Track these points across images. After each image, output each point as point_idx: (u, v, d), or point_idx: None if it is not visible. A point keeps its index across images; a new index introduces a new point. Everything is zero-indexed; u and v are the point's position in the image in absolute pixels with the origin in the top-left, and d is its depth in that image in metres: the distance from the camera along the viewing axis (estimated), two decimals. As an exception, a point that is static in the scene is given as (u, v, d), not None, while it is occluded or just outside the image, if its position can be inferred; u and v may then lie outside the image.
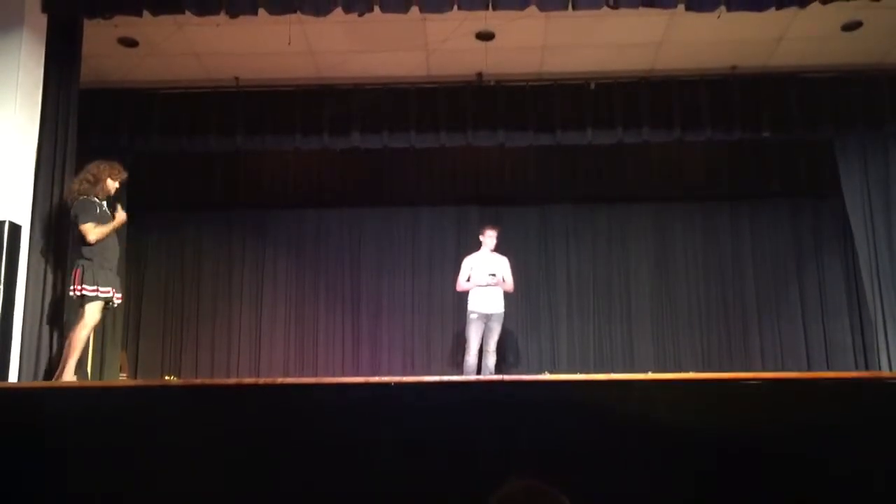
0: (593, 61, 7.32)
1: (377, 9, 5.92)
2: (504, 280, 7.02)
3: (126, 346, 8.26)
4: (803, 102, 7.42)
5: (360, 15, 6.02)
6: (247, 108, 7.59)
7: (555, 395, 3.54)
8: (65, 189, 5.75)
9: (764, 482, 3.21)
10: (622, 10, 5.99)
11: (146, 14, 5.95)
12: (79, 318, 5.42)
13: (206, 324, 8.74)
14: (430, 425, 3.39)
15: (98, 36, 6.47)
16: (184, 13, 6.01)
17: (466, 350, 6.98)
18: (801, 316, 8.52)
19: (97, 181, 5.56)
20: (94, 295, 5.35)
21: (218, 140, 7.61)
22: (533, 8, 5.93)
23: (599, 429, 3.37)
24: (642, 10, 5.96)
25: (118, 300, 5.59)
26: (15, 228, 5.40)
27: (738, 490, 3.23)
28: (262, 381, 4.66)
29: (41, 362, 5.52)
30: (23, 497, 3.32)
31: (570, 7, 5.90)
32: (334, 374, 8.36)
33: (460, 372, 7.15)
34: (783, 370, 8.04)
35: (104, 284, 5.39)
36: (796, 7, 5.91)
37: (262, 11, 5.93)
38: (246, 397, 3.65)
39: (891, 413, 3.38)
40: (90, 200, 5.49)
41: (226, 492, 3.30)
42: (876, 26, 6.72)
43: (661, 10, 6.08)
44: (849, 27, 6.74)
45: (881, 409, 3.41)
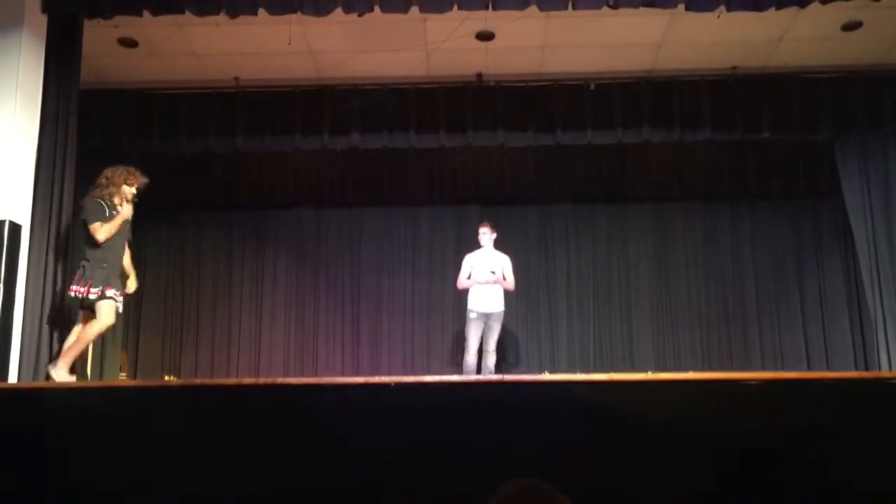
0: (593, 61, 7.32)
1: (377, 9, 5.93)
2: (504, 278, 7.01)
3: (126, 346, 8.26)
4: (803, 102, 7.43)
5: (360, 15, 6.03)
6: (247, 108, 7.59)
7: (555, 395, 3.54)
8: (73, 193, 5.76)
9: (763, 482, 3.22)
10: (622, 10, 5.99)
11: (146, 14, 5.97)
12: (87, 318, 5.39)
13: (206, 324, 8.74)
14: (431, 425, 3.39)
15: (98, 36, 6.48)
16: (184, 13, 6.02)
17: (466, 349, 6.97)
18: (801, 315, 8.52)
19: (109, 184, 5.52)
20: (104, 295, 5.27)
21: (218, 140, 7.62)
22: (533, 8, 5.94)
23: (599, 429, 3.38)
24: (642, 10, 5.97)
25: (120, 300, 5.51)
26: (15, 228, 5.41)
27: (738, 489, 3.24)
28: (261, 381, 4.67)
29: (41, 362, 5.51)
30: (23, 496, 3.32)
31: (570, 7, 5.91)
32: (334, 374, 8.36)
33: (460, 371, 7.15)
34: (783, 370, 8.03)
35: (109, 285, 5.32)
36: (796, 7, 5.92)
37: (262, 12, 5.94)
38: (246, 397, 3.65)
39: (891, 413, 3.38)
40: (97, 201, 5.45)
41: (225, 491, 3.30)
42: (876, 26, 6.72)
43: (661, 10, 6.09)
44: (849, 27, 6.75)
45: (881, 409, 3.41)
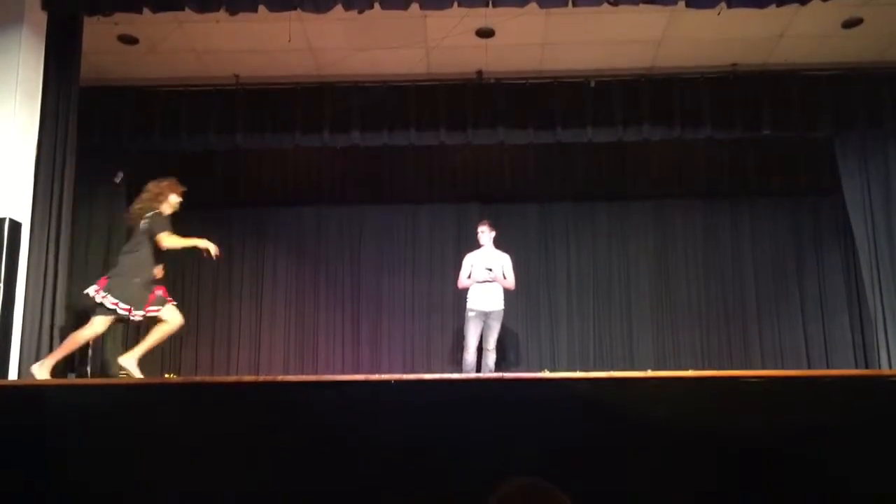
0: (593, 58, 7.31)
1: (377, 6, 5.92)
2: (504, 276, 7.00)
3: (126, 344, 8.24)
4: (804, 100, 7.43)
5: (360, 12, 6.03)
6: (247, 105, 7.58)
7: (554, 394, 3.54)
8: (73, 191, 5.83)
9: (763, 480, 3.22)
10: (622, 7, 5.99)
11: (146, 11, 5.96)
12: (87, 322, 5.43)
13: (206, 321, 8.73)
14: (431, 423, 3.39)
15: (98, 33, 6.47)
16: (184, 10, 6.02)
17: (465, 348, 6.96)
18: (801, 313, 8.52)
19: (160, 197, 5.67)
20: (112, 308, 5.34)
21: (218, 137, 7.61)
22: (533, 5, 5.93)
23: (599, 427, 3.38)
24: (642, 7, 5.96)
25: (137, 318, 5.50)
26: (15, 225, 5.41)
27: (738, 487, 3.24)
28: (261, 378, 4.66)
29: (41, 358, 5.51)
30: (23, 494, 3.32)
31: (570, 4, 5.91)
32: (334, 372, 8.36)
33: (460, 370, 7.14)
34: (783, 368, 8.04)
35: (126, 301, 5.38)
36: (797, 4, 5.91)
37: (262, 8, 5.94)
38: (246, 395, 3.65)
39: (891, 411, 3.38)
40: (161, 214, 5.62)
41: (225, 489, 3.31)
42: (876, 23, 6.72)
43: (661, 7, 6.09)
44: (849, 24, 6.74)
45: (881, 408, 3.41)
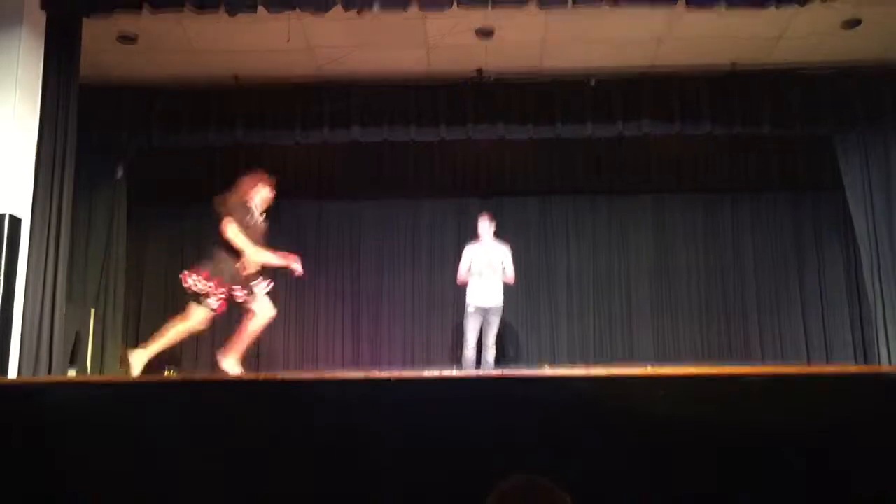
0: (593, 58, 7.31)
1: (376, 6, 5.92)
2: (504, 270, 6.98)
3: (126, 341, 8.26)
4: (803, 99, 7.43)
5: (360, 12, 6.02)
6: (246, 105, 7.59)
7: (554, 390, 3.55)
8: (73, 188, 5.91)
9: (763, 477, 3.22)
10: (622, 7, 5.99)
11: (146, 10, 5.96)
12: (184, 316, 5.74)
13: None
14: (430, 420, 3.39)
15: (97, 32, 6.45)
16: (183, 10, 6.01)
17: (464, 344, 6.97)
18: (801, 310, 8.54)
19: (250, 191, 5.86)
20: (220, 294, 5.63)
21: (218, 135, 7.62)
22: (533, 4, 5.94)
23: (599, 423, 3.38)
24: (642, 6, 5.96)
25: (241, 297, 5.83)
26: (15, 222, 5.41)
27: (738, 485, 3.25)
28: (261, 376, 4.68)
29: (41, 356, 5.53)
30: (22, 492, 3.33)
31: (569, 4, 5.91)
32: (334, 368, 8.37)
33: (459, 366, 7.15)
34: (783, 364, 8.05)
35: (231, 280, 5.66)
36: (796, 4, 5.92)
37: (261, 9, 5.93)
38: (246, 392, 3.65)
39: (891, 408, 3.38)
40: (244, 205, 5.81)
41: (225, 487, 3.31)
42: (876, 23, 6.72)
43: (661, 7, 6.08)
44: (849, 24, 6.74)
45: (881, 404, 3.41)
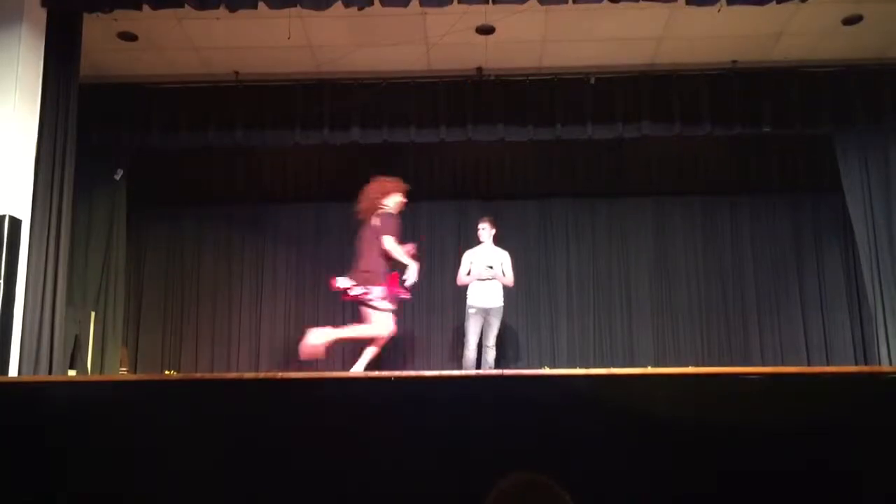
0: (593, 55, 7.31)
1: (377, 3, 5.92)
2: (504, 273, 7.00)
3: (126, 341, 8.26)
4: (804, 97, 7.42)
5: (360, 9, 6.03)
6: (246, 102, 7.58)
7: (554, 390, 3.55)
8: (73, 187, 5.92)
9: (763, 477, 3.22)
10: (622, 4, 5.99)
11: (146, 8, 5.95)
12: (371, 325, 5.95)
13: (206, 318, 8.73)
14: (430, 419, 3.39)
15: (97, 30, 6.47)
16: (183, 7, 6.01)
17: (465, 345, 6.97)
18: (801, 311, 8.52)
19: (385, 196, 6.05)
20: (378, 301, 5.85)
21: (217, 135, 7.61)
22: (533, 2, 5.93)
23: (599, 423, 3.38)
24: (643, 4, 5.97)
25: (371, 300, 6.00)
26: (15, 223, 5.40)
27: (738, 485, 3.24)
28: (262, 375, 4.67)
29: (41, 358, 5.52)
30: (22, 491, 3.32)
31: (570, 1, 5.90)
32: (334, 369, 8.36)
33: (460, 366, 7.15)
34: (782, 364, 8.04)
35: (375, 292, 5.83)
36: (797, 1, 5.91)
37: (261, 5, 5.94)
38: (246, 392, 3.65)
39: (891, 408, 3.38)
40: (392, 215, 5.96)
41: (225, 486, 3.31)
42: (876, 20, 6.71)
43: (661, 5, 6.08)
44: (849, 21, 6.73)
45: (881, 405, 3.41)
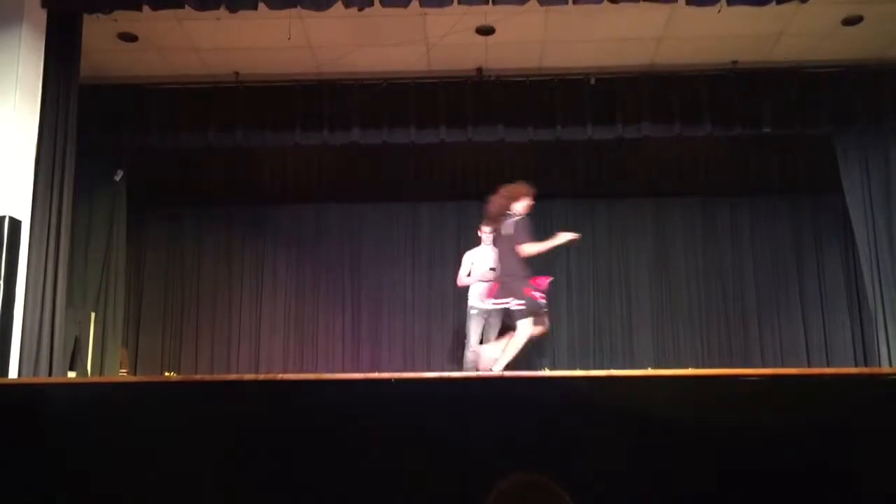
0: (593, 56, 7.30)
1: (377, 3, 5.93)
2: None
3: (126, 342, 8.26)
4: (804, 97, 7.41)
5: (361, 10, 6.03)
6: (246, 103, 7.58)
7: (554, 391, 3.54)
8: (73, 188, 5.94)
9: (763, 477, 3.22)
10: (622, 5, 5.99)
11: (146, 9, 5.96)
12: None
13: (206, 319, 8.74)
14: (431, 421, 3.39)
15: (97, 31, 6.47)
16: (184, 8, 6.02)
17: (466, 345, 6.97)
18: (801, 311, 8.52)
19: (513, 201, 6.08)
20: (520, 308, 5.80)
21: (217, 136, 7.61)
22: (533, 3, 5.93)
23: (599, 424, 3.37)
24: (643, 4, 5.96)
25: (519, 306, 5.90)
26: (15, 224, 5.40)
27: (738, 486, 3.24)
28: (261, 376, 4.67)
29: (41, 357, 5.52)
30: (22, 492, 3.32)
31: (570, 2, 5.90)
32: (334, 370, 8.36)
33: (460, 367, 7.15)
34: (783, 366, 8.04)
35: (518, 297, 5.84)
36: (797, 2, 5.91)
37: (261, 6, 5.94)
38: (246, 393, 3.65)
39: (891, 410, 3.37)
40: (525, 220, 6.03)
41: (225, 487, 3.31)
42: (877, 21, 6.71)
43: (661, 5, 6.08)
44: (849, 22, 6.73)
45: (881, 406, 3.41)
